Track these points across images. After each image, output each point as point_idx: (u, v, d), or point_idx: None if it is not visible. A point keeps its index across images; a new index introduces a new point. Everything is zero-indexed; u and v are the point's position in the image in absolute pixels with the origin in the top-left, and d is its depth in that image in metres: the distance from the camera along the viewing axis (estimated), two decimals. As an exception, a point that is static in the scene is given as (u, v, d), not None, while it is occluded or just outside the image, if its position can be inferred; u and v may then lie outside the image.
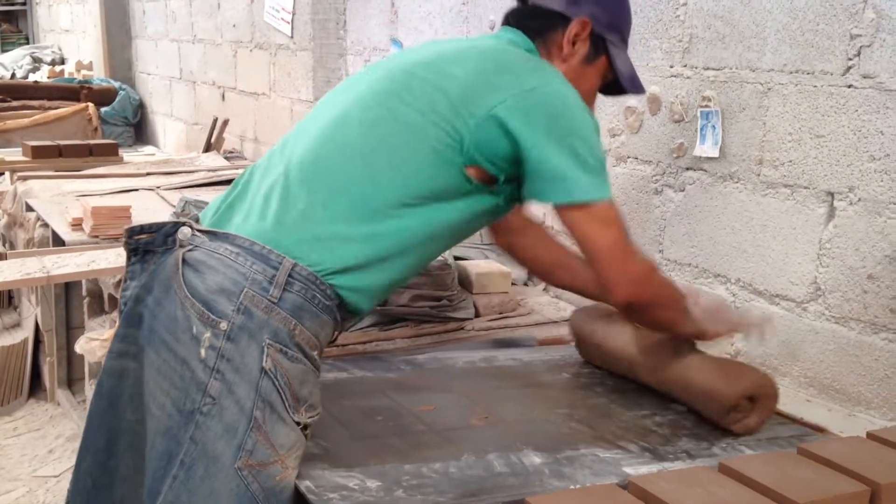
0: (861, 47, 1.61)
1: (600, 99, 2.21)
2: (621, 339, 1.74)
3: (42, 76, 6.60)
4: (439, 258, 2.11)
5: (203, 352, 1.27)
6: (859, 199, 1.64)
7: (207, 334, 1.27)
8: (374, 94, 1.44)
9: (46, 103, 5.03)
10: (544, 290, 2.43)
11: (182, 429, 1.27)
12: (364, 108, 1.43)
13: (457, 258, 2.27)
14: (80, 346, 2.28)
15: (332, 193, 1.36)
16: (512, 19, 1.57)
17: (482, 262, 2.32)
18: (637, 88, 1.62)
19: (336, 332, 1.43)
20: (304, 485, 1.27)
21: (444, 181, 1.39)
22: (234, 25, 4.51)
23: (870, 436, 1.28)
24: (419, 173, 1.38)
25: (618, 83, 1.60)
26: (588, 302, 1.84)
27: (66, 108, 4.83)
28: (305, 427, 1.33)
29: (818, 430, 1.57)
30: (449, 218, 1.42)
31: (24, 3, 8.76)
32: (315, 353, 1.35)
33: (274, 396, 1.28)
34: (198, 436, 1.26)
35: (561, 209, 1.40)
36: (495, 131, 1.37)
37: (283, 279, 1.31)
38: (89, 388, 2.96)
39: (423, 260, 1.48)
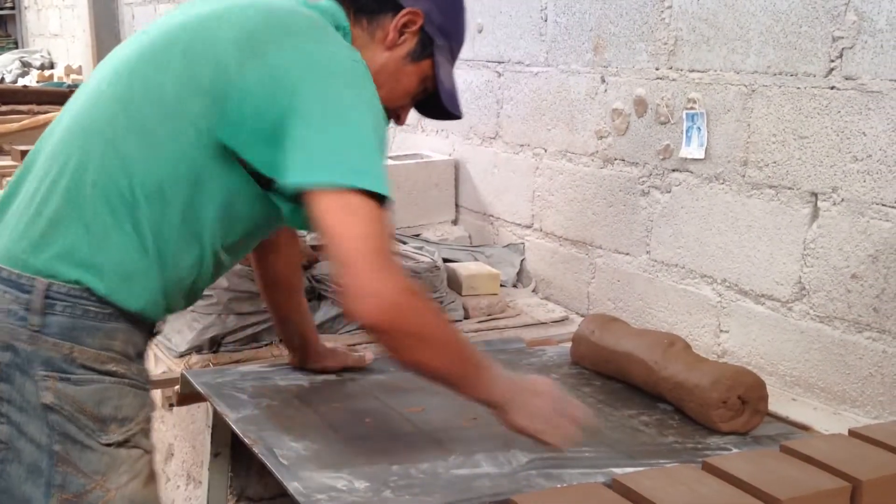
0: (843, 49, 1.62)
1: (585, 101, 2.23)
2: (614, 337, 1.76)
3: (31, 81, 6.58)
4: (427, 260, 2.12)
5: None
6: (842, 200, 1.65)
7: None
8: (129, 63, 1.26)
9: (35, 108, 5.01)
10: (533, 291, 2.44)
11: None
12: (115, 82, 1.25)
13: (446, 260, 2.28)
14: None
15: (79, 191, 1.20)
16: None
17: (471, 264, 2.33)
18: (454, 107, 1.46)
19: (154, 329, 1.33)
20: (293, 486, 1.27)
21: (207, 164, 1.22)
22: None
23: (852, 433, 1.29)
24: (178, 156, 1.21)
25: (437, 98, 1.44)
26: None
27: (56, 113, 4.81)
28: (125, 442, 1.25)
29: (803, 428, 1.58)
30: (220, 210, 1.25)
31: (12, 8, 8.74)
32: (112, 366, 1.24)
33: (68, 427, 1.20)
34: (3, 484, 1.20)
35: (310, 193, 1.16)
36: (259, 100, 1.19)
37: (40, 303, 1.18)
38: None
39: (205, 255, 1.29)
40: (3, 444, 1.20)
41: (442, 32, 1.42)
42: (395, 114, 1.46)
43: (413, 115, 1.51)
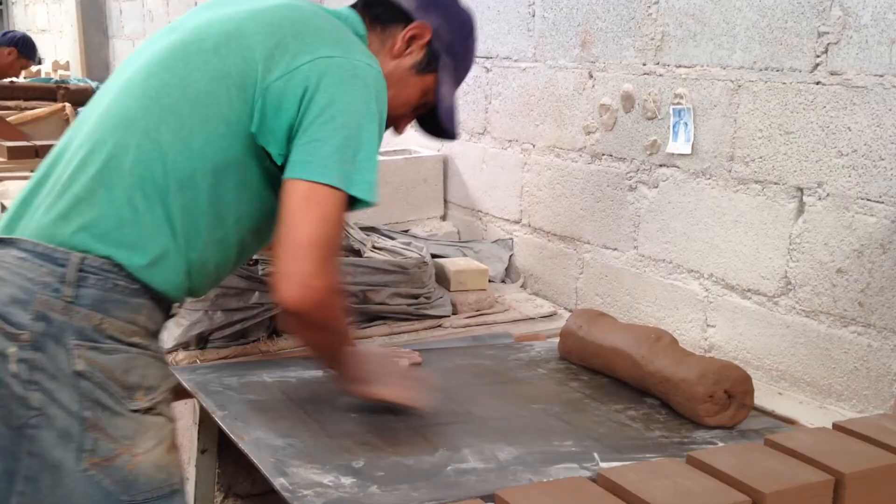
0: (828, 44, 1.63)
1: (573, 96, 2.23)
2: (601, 332, 1.77)
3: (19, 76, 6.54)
4: (415, 255, 2.12)
5: (13, 366, 1.23)
6: (828, 195, 1.66)
7: (13, 348, 1.23)
8: (161, 58, 1.36)
9: (23, 103, 4.98)
10: (521, 287, 2.45)
11: (17, 445, 1.24)
12: (149, 76, 1.35)
13: (434, 255, 2.28)
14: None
15: (114, 174, 1.29)
16: (359, 2, 1.53)
17: (460, 259, 2.33)
18: (451, 124, 1.56)
19: (173, 307, 1.40)
20: (279, 482, 1.27)
21: (235, 154, 1.33)
22: (211, 24, 4.49)
23: (836, 427, 1.30)
24: (209, 146, 1.31)
25: (436, 114, 1.54)
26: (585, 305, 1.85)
27: (43, 109, 4.79)
28: (150, 409, 1.31)
29: (789, 422, 1.59)
30: (244, 197, 1.36)
31: (0, 3, 8.68)
32: (137, 338, 1.31)
33: (98, 394, 1.26)
34: (35, 449, 1.24)
35: (289, 182, 1.29)
36: (283, 98, 1.30)
37: (74, 276, 1.25)
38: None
39: (229, 240, 1.39)
40: (36, 411, 1.24)
41: (448, 51, 1.52)
42: (395, 122, 1.55)
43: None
